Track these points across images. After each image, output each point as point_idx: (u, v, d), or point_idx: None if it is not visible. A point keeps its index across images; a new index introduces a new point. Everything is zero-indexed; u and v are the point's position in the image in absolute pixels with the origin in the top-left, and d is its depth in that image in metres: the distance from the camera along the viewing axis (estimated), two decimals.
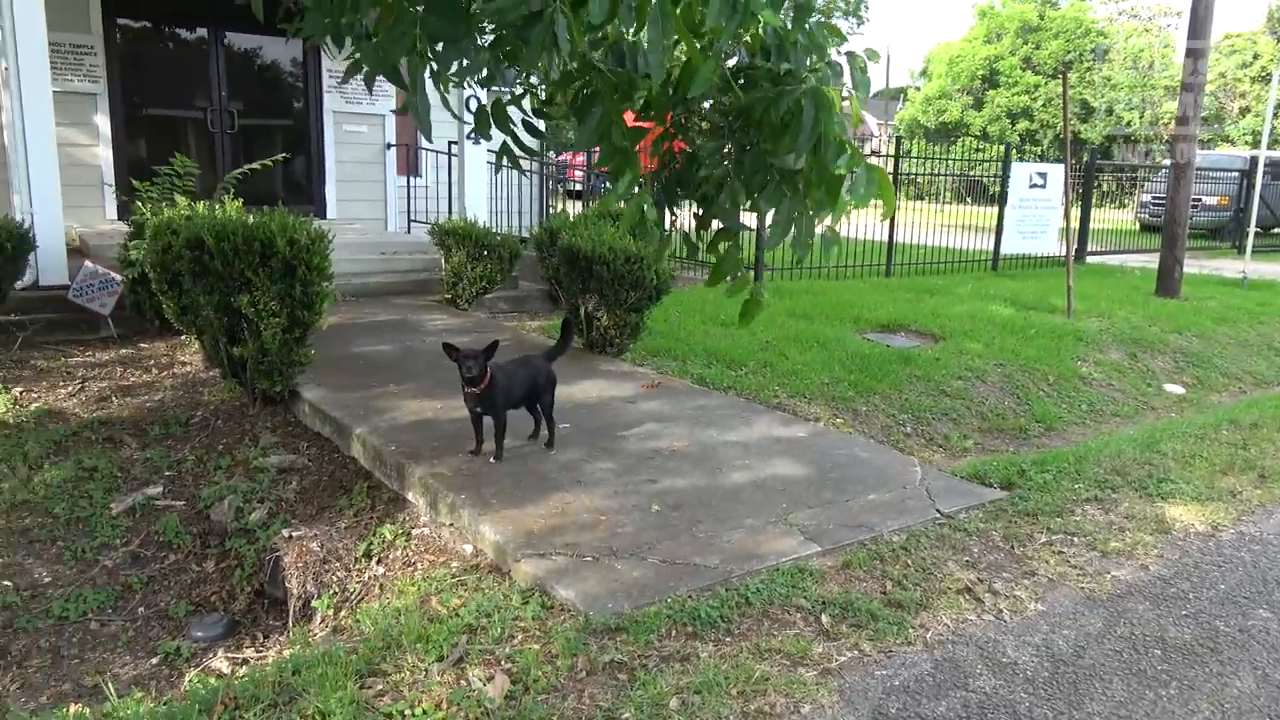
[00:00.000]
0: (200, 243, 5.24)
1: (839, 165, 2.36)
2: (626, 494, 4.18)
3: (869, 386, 7.09)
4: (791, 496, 4.23)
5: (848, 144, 2.38)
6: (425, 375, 6.11)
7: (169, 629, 4.09)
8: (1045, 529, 3.92)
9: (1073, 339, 9.04)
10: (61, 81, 9.80)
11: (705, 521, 3.91)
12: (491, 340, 4.43)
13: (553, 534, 3.72)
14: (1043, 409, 7.43)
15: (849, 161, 2.37)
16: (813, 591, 3.26)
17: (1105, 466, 4.74)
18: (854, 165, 2.37)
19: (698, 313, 9.19)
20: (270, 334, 5.29)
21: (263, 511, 4.61)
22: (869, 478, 4.53)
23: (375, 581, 3.91)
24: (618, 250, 6.72)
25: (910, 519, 4.01)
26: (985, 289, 11.70)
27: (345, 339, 7.20)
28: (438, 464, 4.42)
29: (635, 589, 3.28)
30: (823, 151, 2.34)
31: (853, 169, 2.37)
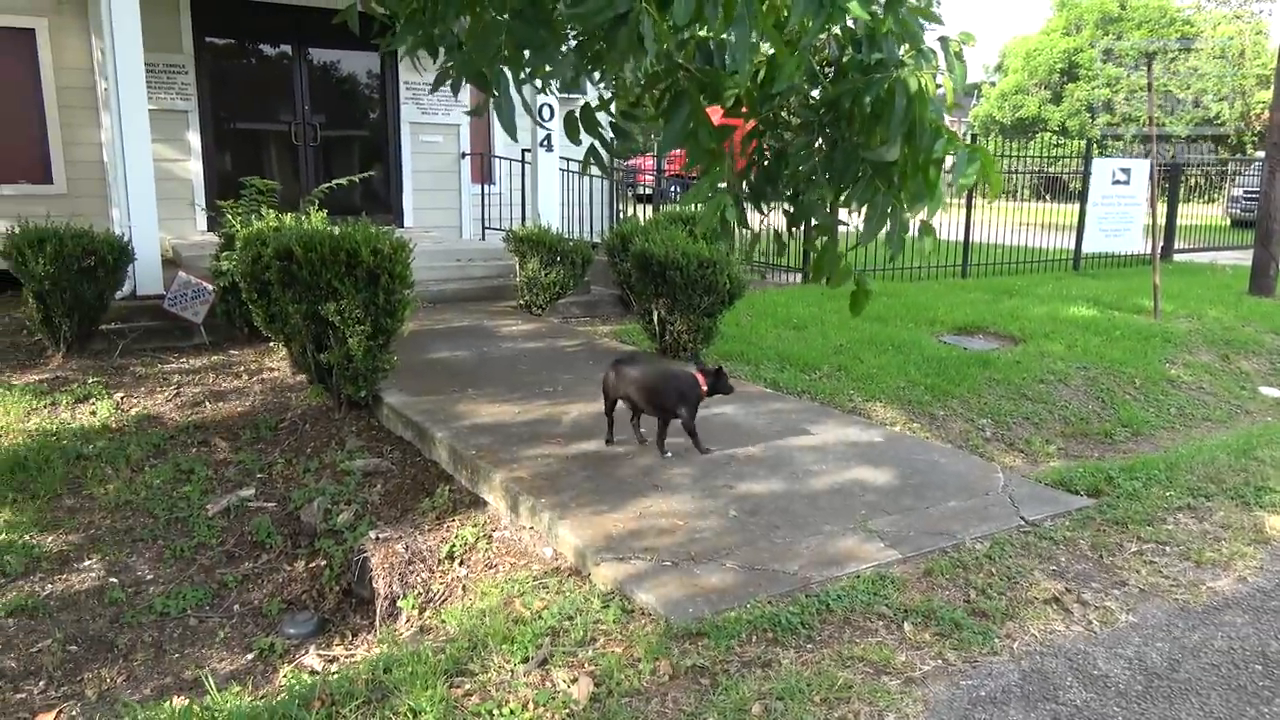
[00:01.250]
0: (289, 253, 5.43)
1: (936, 150, 2.34)
2: (704, 498, 4.19)
3: (946, 390, 6.98)
4: (870, 503, 4.20)
5: (944, 128, 2.36)
6: (501, 380, 6.22)
7: (262, 626, 4.25)
8: (1136, 538, 3.82)
9: (1160, 340, 8.75)
10: (156, 100, 10.23)
11: (783, 527, 3.90)
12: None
13: (631, 538, 3.76)
14: (1129, 413, 7.22)
15: (946, 145, 2.34)
16: (894, 599, 3.23)
17: (1198, 474, 4.59)
18: (951, 149, 2.34)
19: (769, 316, 9.17)
20: (355, 341, 5.45)
21: (349, 513, 4.75)
22: (949, 484, 4.47)
23: (458, 582, 4.00)
24: (690, 255, 6.74)
25: (993, 526, 3.94)
26: (1066, 289, 11.39)
27: (424, 345, 7.37)
28: (517, 467, 4.50)
29: (715, 594, 3.30)
30: (918, 138, 2.33)
31: (951, 152, 2.34)
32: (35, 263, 6.59)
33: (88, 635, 4.08)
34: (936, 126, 2.35)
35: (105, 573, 4.48)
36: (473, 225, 12.28)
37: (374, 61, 11.47)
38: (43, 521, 4.79)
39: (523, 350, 7.24)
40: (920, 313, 9.62)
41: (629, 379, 4.73)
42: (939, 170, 2.39)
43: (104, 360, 7.24)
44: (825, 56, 2.62)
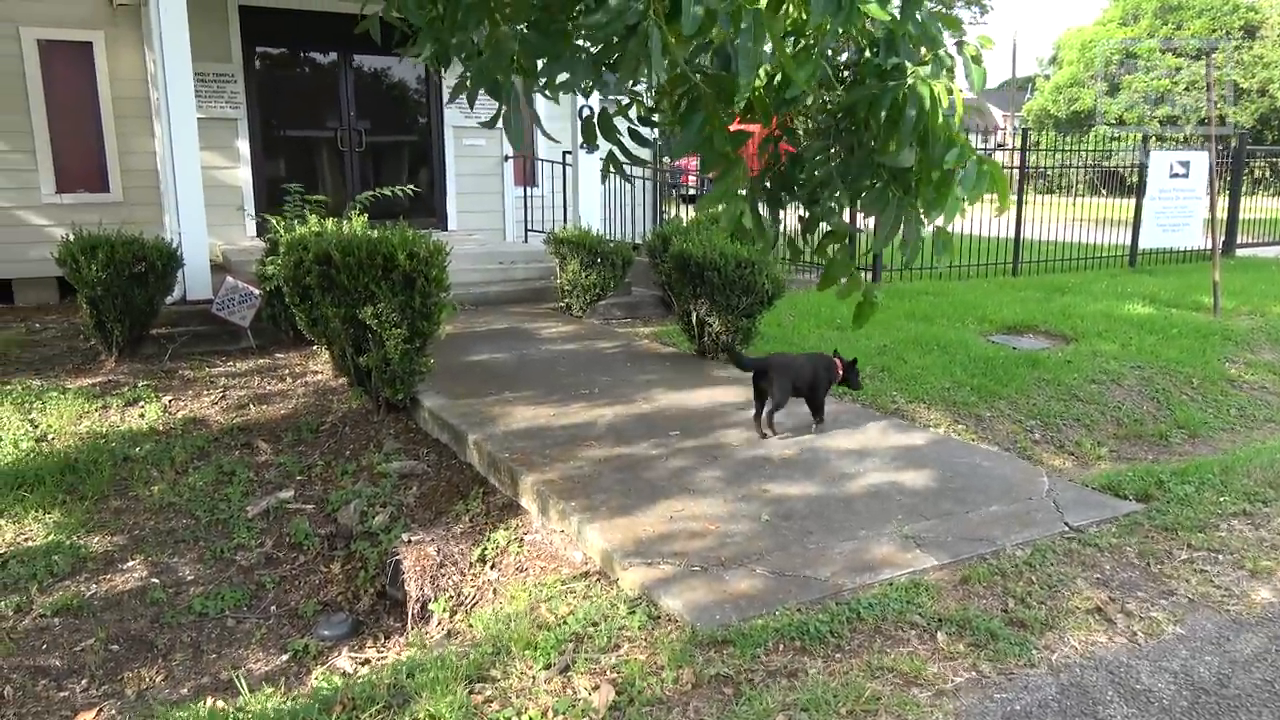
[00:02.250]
0: (328, 258, 5.49)
1: (947, 160, 2.26)
2: (736, 502, 4.13)
3: (993, 391, 6.82)
4: (907, 507, 4.09)
5: (957, 137, 2.28)
6: (539, 383, 6.22)
7: (299, 627, 4.29)
8: (1186, 545, 3.66)
9: (1220, 338, 8.45)
10: (206, 108, 10.46)
11: (816, 532, 3.82)
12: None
13: (660, 541, 3.71)
14: (1186, 414, 6.99)
15: (958, 157, 2.27)
16: (928, 608, 3.14)
17: (1255, 478, 4.40)
18: (964, 159, 2.27)
19: (812, 316, 9.05)
20: (392, 344, 5.49)
21: (385, 516, 4.78)
22: (991, 488, 4.34)
23: (489, 586, 3.99)
24: (728, 255, 6.67)
25: (1035, 532, 3.82)
26: (1121, 286, 11.07)
27: (463, 347, 7.40)
28: (548, 470, 4.49)
29: (743, 600, 3.24)
30: (931, 147, 2.26)
31: (963, 163, 2.27)
32: (88, 269, 6.75)
33: (129, 635, 4.16)
34: (950, 135, 2.27)
35: (147, 573, 4.56)
36: (515, 228, 12.33)
37: (419, 67, 11.58)
38: (90, 523, 4.90)
39: (561, 352, 7.24)
40: (967, 311, 9.42)
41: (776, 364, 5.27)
42: (952, 179, 2.31)
43: (154, 364, 7.40)
44: (845, 61, 2.55)
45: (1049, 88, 34.61)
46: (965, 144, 2.29)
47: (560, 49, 2.19)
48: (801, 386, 5.43)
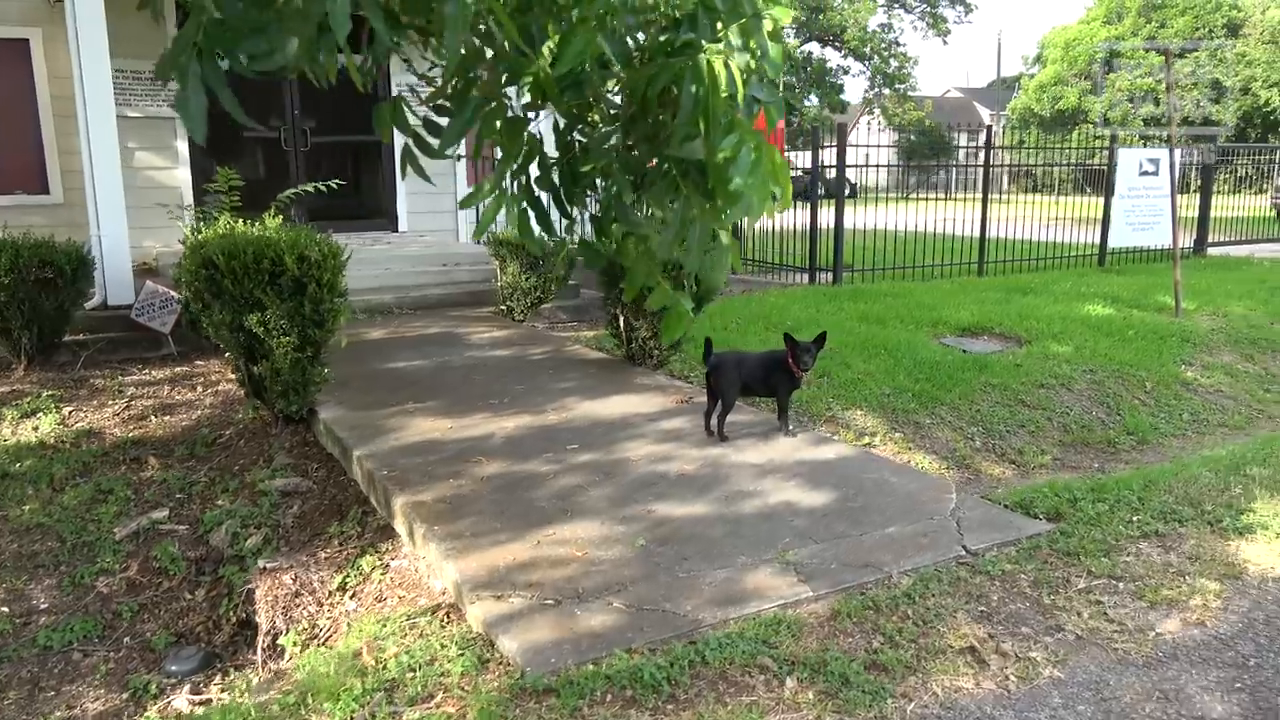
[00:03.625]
0: (212, 262, 5.18)
1: (723, 147, 1.97)
2: (615, 524, 3.84)
3: (935, 397, 6.53)
4: (799, 529, 3.80)
5: (739, 122, 1.98)
6: (450, 392, 5.92)
7: (148, 661, 3.98)
8: (1086, 572, 3.37)
9: (1178, 340, 8.17)
10: (141, 107, 10.16)
11: (693, 558, 3.53)
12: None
13: (520, 571, 3.41)
14: (1136, 420, 6.71)
15: (735, 143, 1.97)
16: (784, 648, 2.84)
17: (1177, 494, 4.11)
18: (740, 146, 1.97)
19: (762, 319, 8.76)
20: (281, 353, 5.19)
21: (258, 538, 4.48)
22: (893, 507, 4.05)
23: (345, 617, 3.70)
24: None
25: (928, 557, 3.53)
26: (1087, 286, 10.80)
27: (386, 353, 7.11)
28: (424, 490, 4.19)
29: (587, 640, 2.94)
30: (712, 132, 1.96)
31: (738, 151, 1.97)
32: None
33: None
34: (732, 119, 1.97)
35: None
36: (469, 229, 12.04)
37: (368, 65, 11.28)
38: None
39: (486, 359, 6.94)
40: (924, 313, 9.13)
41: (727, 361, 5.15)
42: (726, 168, 2.01)
43: (66, 372, 7.09)
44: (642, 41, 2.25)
45: (1033, 86, 34.37)
46: (746, 129, 1.99)
47: (268, 20, 1.87)
48: (756, 386, 5.21)
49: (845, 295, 10.19)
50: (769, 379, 5.13)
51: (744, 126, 1.98)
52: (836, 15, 37.96)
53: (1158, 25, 30.73)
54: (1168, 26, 30.46)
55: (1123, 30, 31.59)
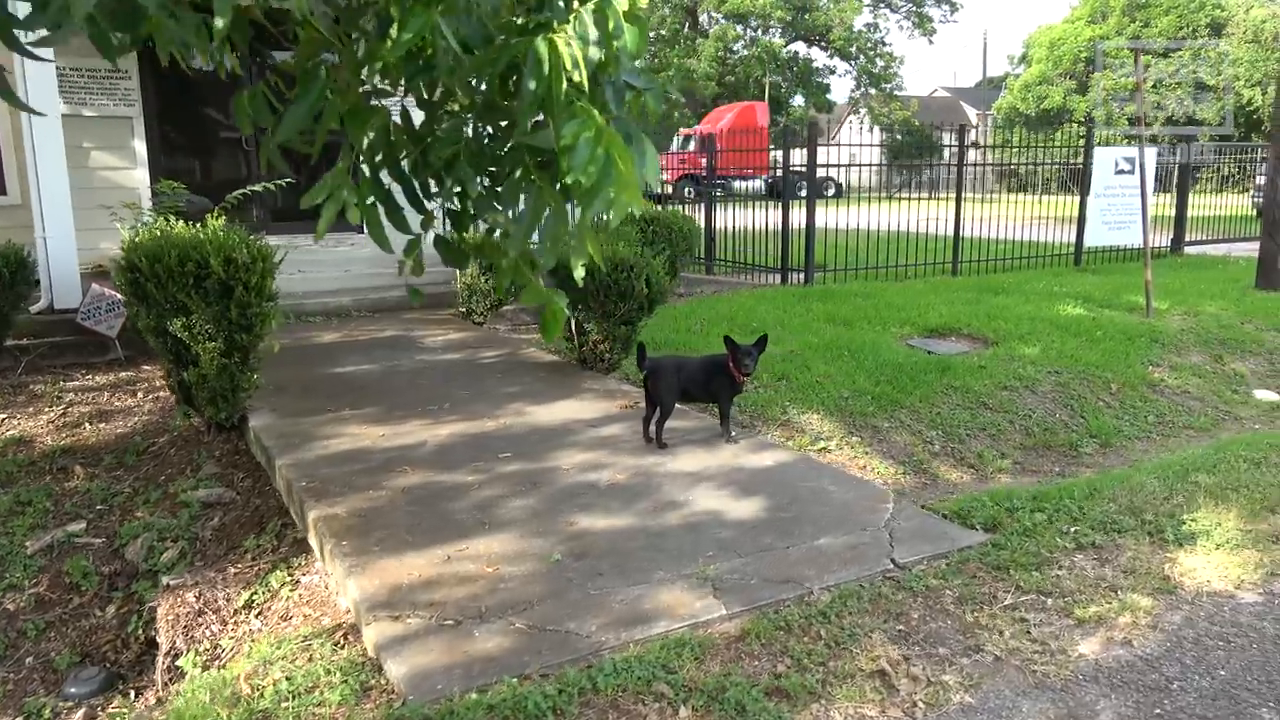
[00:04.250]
0: (136, 265, 5.01)
1: (564, 135, 1.81)
2: (534, 537, 3.68)
3: (895, 400, 6.38)
4: (724, 541, 3.64)
5: (582, 108, 1.82)
6: (391, 397, 5.75)
7: (49, 682, 3.81)
8: (1015, 587, 3.22)
9: (1147, 340, 8.04)
10: (97, 106, 9.95)
11: (608, 574, 3.37)
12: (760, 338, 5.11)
13: (424, 589, 3.25)
14: (1100, 422, 6.58)
15: (576, 131, 1.81)
16: (684, 673, 2.68)
17: (1120, 503, 3.96)
18: (583, 134, 1.80)
19: (727, 320, 8.62)
20: (208, 359, 5.01)
21: (174, 551, 4.31)
22: (826, 517, 3.89)
23: (248, 637, 3.53)
24: (604, 259, 6.22)
25: (854, 571, 3.37)
26: (1060, 286, 10.67)
27: (334, 357, 6.94)
28: (340, 502, 4.02)
29: (480, 664, 2.78)
30: (555, 119, 1.81)
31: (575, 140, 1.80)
32: None
33: None
34: (575, 105, 1.82)
35: None
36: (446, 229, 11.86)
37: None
38: None
39: (435, 363, 6.77)
40: (892, 314, 8.98)
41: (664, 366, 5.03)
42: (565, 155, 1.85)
43: (6, 378, 6.92)
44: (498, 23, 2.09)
45: (1018, 85, 34.30)
46: (590, 116, 1.83)
47: None
48: (696, 391, 5.08)
49: (815, 296, 10.05)
50: (709, 384, 4.98)
51: (589, 114, 1.82)
52: (822, 15, 37.90)
53: (1142, 24, 30.67)
54: (1152, 26, 30.40)
55: (1107, 30, 31.53)
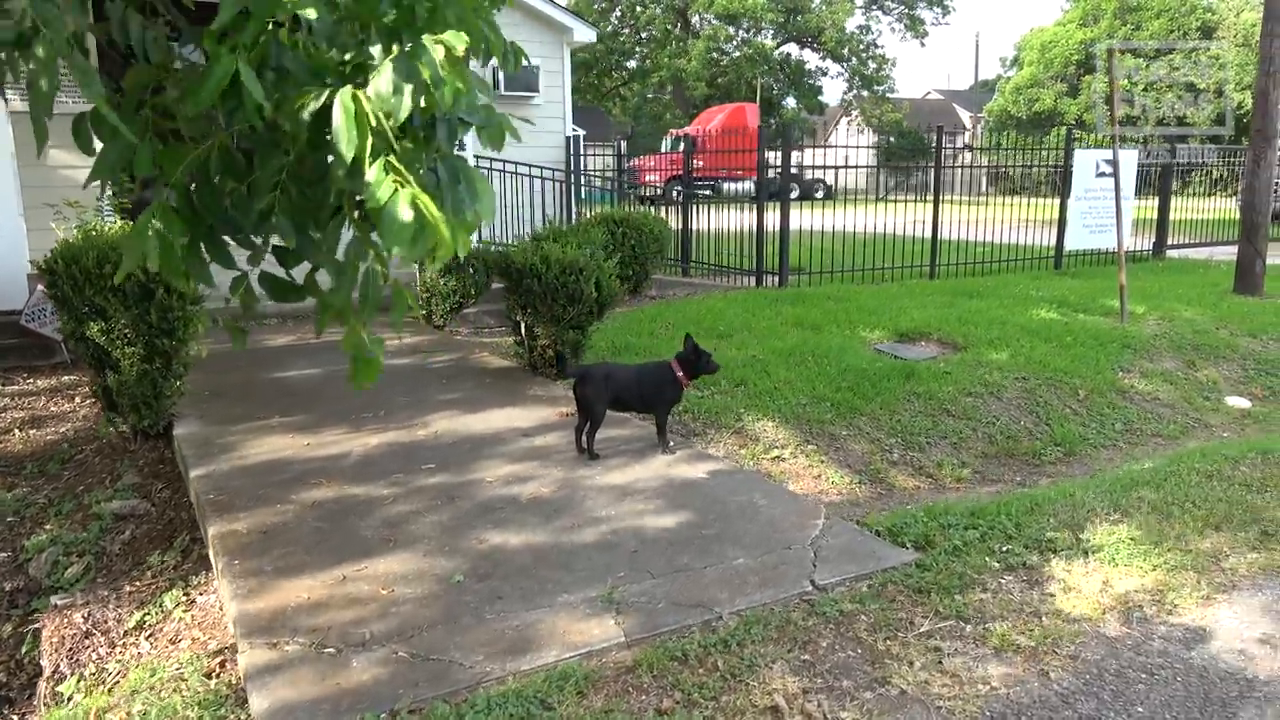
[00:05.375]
0: (52, 269, 4.83)
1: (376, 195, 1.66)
2: (439, 556, 3.49)
3: (855, 407, 6.20)
4: (639, 561, 3.46)
5: (388, 164, 1.67)
6: (328, 404, 5.57)
7: None
8: (934, 612, 3.03)
9: (1118, 346, 7.85)
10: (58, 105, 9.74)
11: (509, 597, 3.18)
12: None
13: (310, 613, 3.07)
14: (1065, 430, 6.41)
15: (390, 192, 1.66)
16: (564, 709, 2.50)
17: (1060, 519, 3.77)
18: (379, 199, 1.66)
19: (694, 324, 8.41)
20: (128, 365, 4.83)
21: (79, 566, 4.12)
22: (750, 534, 3.71)
23: (135, 661, 3.34)
24: (552, 262, 6.04)
25: (769, 594, 3.19)
26: (1037, 290, 10.49)
27: (281, 361, 6.75)
28: (243, 517, 3.83)
29: (349, 698, 2.60)
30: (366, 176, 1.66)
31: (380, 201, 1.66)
32: None
33: None
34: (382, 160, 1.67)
35: None
36: None
37: None
38: None
39: (383, 368, 6.56)
40: (863, 317, 8.78)
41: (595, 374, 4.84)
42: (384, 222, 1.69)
43: None
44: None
45: (1009, 88, 34.14)
46: (399, 174, 1.67)
47: None
48: (630, 400, 4.89)
49: (787, 299, 9.86)
50: (644, 393, 4.79)
51: (397, 171, 1.67)
52: (814, 17, 37.77)
53: (1133, 27, 30.51)
54: (1143, 29, 30.24)
55: (1098, 32, 31.36)
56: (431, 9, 1.85)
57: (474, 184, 2.20)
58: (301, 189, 1.86)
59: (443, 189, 2.18)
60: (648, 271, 10.56)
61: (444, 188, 2.18)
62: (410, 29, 1.84)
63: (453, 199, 2.18)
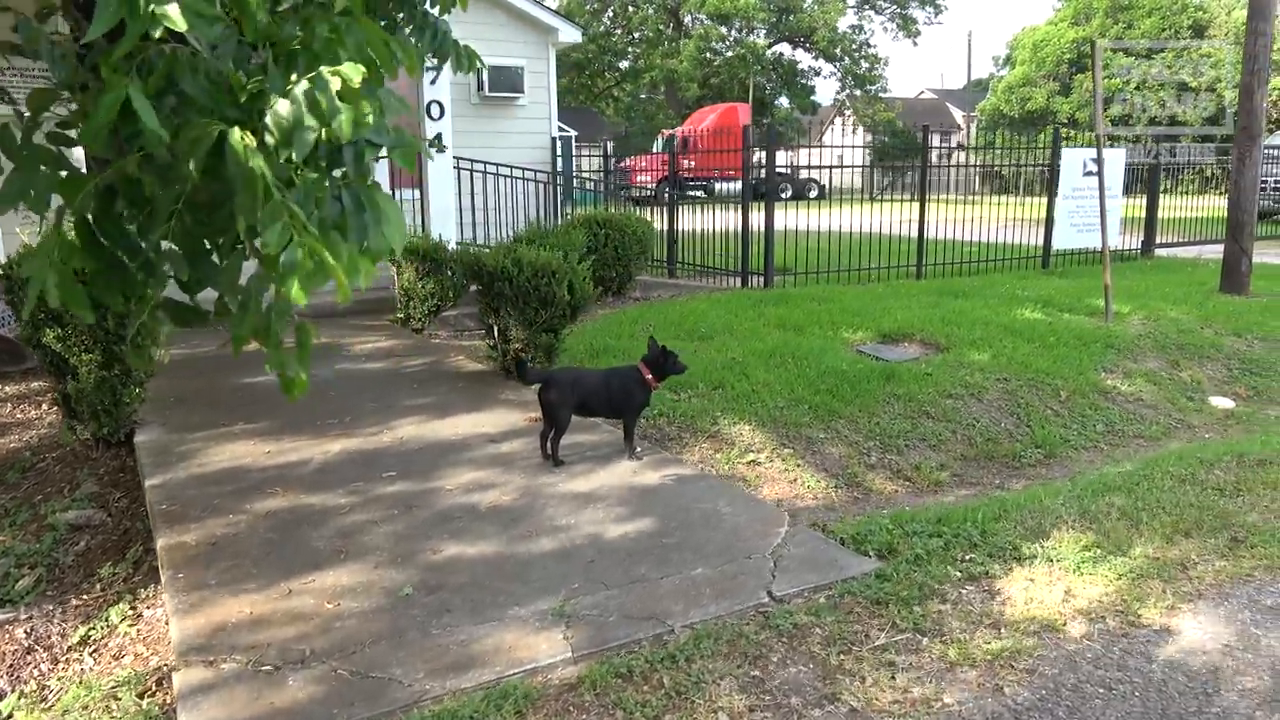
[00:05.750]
0: (8, 273, 4.74)
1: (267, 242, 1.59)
2: (391, 568, 3.41)
3: (834, 409, 6.12)
4: (595, 572, 3.38)
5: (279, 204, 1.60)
6: (295, 410, 5.47)
7: None
8: (890, 625, 2.95)
9: (1102, 346, 7.77)
10: None
11: (458, 610, 3.10)
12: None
13: (251, 629, 2.98)
14: (1045, 431, 6.33)
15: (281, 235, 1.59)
16: None
17: (1027, 526, 3.70)
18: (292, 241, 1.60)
19: (676, 326, 8.33)
20: (86, 372, 4.74)
21: (31, 579, 4.03)
22: (711, 543, 3.63)
23: (77, 678, 3.25)
24: (524, 264, 5.96)
25: (725, 606, 3.11)
26: (1023, 290, 10.40)
27: (252, 366, 6.64)
28: (193, 528, 3.75)
29: (280, 719, 2.51)
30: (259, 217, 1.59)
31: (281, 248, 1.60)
32: None
33: None
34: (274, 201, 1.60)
35: None
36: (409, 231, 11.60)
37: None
38: None
39: (354, 372, 6.50)
40: (847, 318, 8.69)
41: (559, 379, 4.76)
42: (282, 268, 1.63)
43: None
44: None
45: (1001, 87, 34.08)
46: (292, 217, 1.61)
47: None
48: (596, 406, 4.80)
49: (772, 300, 9.77)
50: (611, 398, 4.70)
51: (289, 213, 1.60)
52: (806, 17, 37.70)
53: (1125, 26, 30.46)
54: (1135, 28, 30.19)
55: (1090, 31, 31.32)
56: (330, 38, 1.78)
57: (380, 211, 2.13)
58: (199, 219, 1.79)
59: (347, 218, 2.10)
60: (631, 273, 10.48)
61: (348, 216, 2.10)
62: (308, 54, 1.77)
63: (357, 228, 2.10)
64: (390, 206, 2.10)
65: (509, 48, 12.91)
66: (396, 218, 2.07)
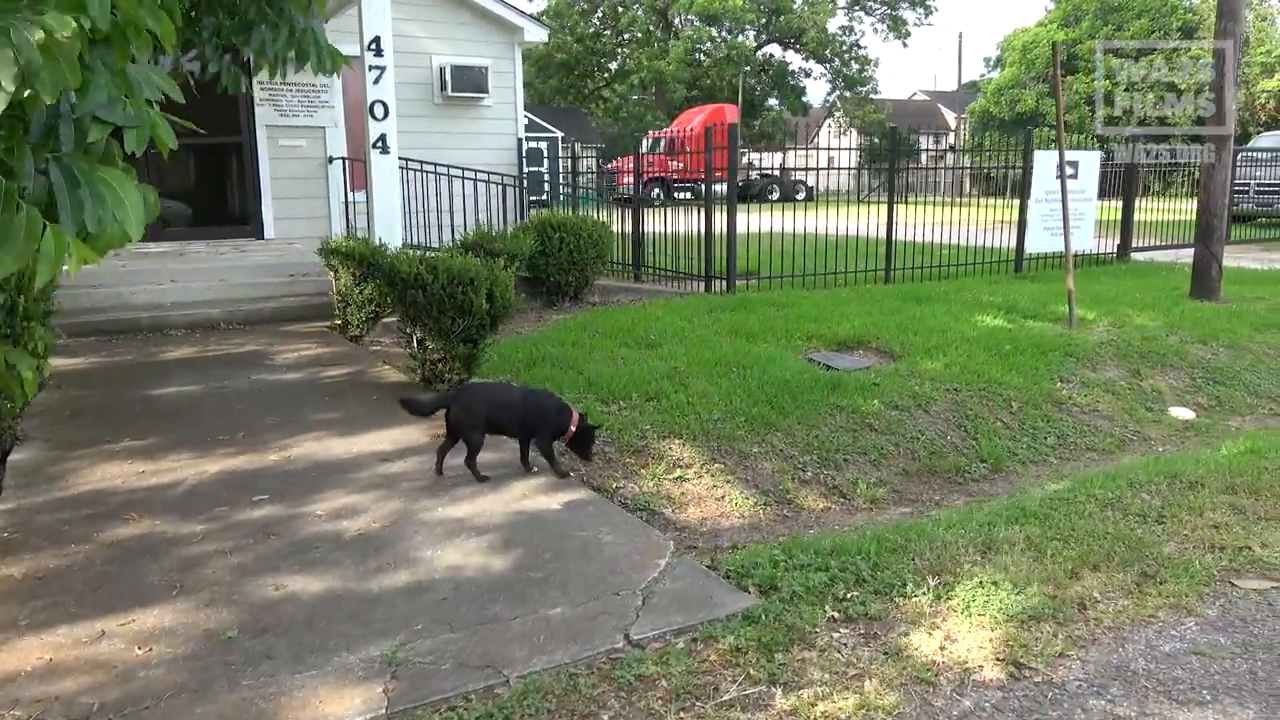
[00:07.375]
0: None
1: None
2: (222, 606, 3.12)
3: (771, 422, 5.85)
4: (443, 611, 3.09)
5: None
6: (189, 426, 5.20)
7: None
8: (745, 675, 2.66)
9: (1061, 354, 7.50)
10: None
11: (280, 657, 2.82)
12: None
13: (44, 678, 2.70)
14: (993, 444, 6.08)
15: None
16: None
17: (925, 558, 3.41)
18: None
19: (623, 333, 8.04)
20: None
21: None
22: (583, 576, 3.34)
23: None
24: (439, 271, 5.68)
25: (574, 651, 2.82)
26: (990, 295, 10.13)
27: (162, 378, 6.37)
28: (25, 559, 3.47)
29: None
30: None
31: None
32: None
33: None
34: None
35: None
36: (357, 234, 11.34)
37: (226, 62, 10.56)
38: None
39: (268, 383, 6.21)
40: (804, 325, 8.40)
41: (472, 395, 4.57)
42: None
43: None
44: None
45: (991, 89, 33.83)
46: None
47: None
48: (509, 425, 4.50)
49: (730, 305, 9.49)
50: (526, 420, 4.38)
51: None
52: (796, 18, 37.45)
53: (1114, 28, 30.20)
54: (1124, 29, 29.92)
55: (1080, 33, 31.08)
56: None
57: (102, 190, 1.87)
58: None
59: (55, 196, 1.84)
60: (588, 277, 10.22)
61: (57, 193, 1.84)
62: None
63: (71, 207, 1.84)
64: (122, 188, 1.85)
65: (473, 47, 12.65)
66: (133, 200, 1.83)
